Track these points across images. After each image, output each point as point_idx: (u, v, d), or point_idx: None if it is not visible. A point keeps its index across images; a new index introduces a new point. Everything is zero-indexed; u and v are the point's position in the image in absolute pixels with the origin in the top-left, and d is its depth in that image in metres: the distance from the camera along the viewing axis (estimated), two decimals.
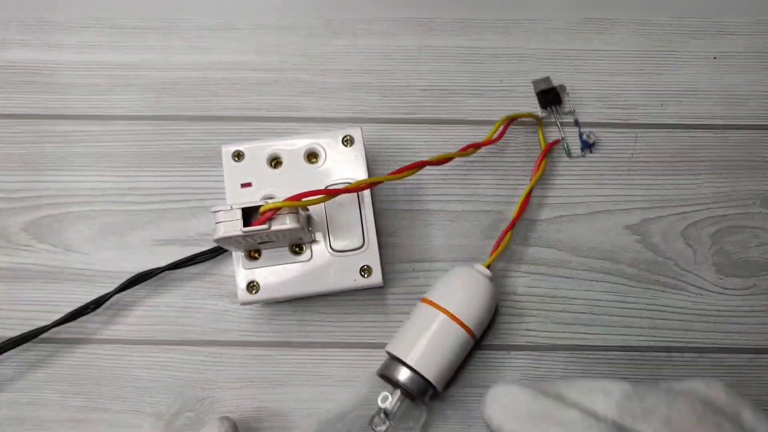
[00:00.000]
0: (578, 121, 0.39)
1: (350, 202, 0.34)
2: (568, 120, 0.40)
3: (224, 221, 0.29)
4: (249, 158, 0.34)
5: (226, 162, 0.34)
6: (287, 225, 0.29)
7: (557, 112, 0.40)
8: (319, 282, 0.33)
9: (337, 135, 0.35)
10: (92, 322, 0.37)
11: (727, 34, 0.41)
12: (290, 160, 0.35)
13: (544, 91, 0.40)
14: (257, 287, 0.33)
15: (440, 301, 0.33)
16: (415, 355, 0.32)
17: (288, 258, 0.33)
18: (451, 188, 0.39)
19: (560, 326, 0.37)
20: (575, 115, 0.40)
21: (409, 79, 0.41)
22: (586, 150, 0.39)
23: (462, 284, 0.34)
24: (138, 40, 0.41)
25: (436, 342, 0.32)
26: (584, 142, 0.39)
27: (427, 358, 0.32)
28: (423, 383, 0.32)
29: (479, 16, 0.42)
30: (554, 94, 0.39)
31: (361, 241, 0.34)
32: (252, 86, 0.40)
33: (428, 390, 0.32)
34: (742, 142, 0.39)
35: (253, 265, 0.33)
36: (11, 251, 0.38)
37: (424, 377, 0.32)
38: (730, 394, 0.25)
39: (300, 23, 0.41)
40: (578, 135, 0.39)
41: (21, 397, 0.36)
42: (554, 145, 0.39)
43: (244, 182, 0.34)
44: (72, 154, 0.39)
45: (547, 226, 0.38)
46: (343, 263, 0.34)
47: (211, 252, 0.36)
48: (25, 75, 0.41)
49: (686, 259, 0.38)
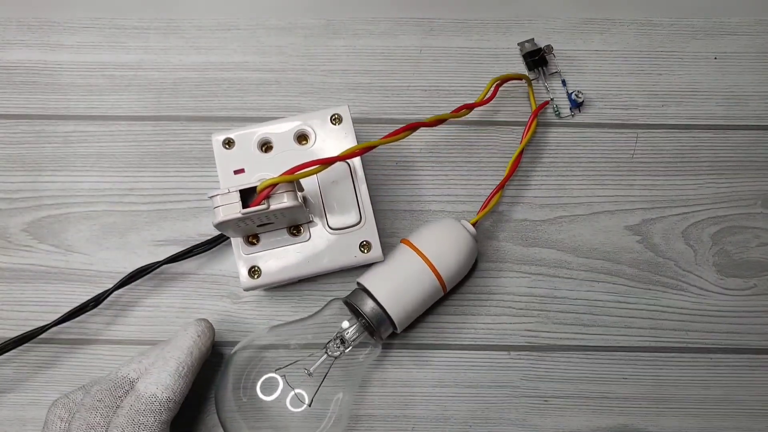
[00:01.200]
0: (565, 81, 0.40)
1: (344, 179, 0.34)
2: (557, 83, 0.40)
3: (223, 205, 0.28)
4: (239, 145, 0.34)
5: (217, 150, 0.34)
6: (285, 203, 0.29)
7: (544, 74, 0.40)
8: (320, 261, 0.33)
9: (325, 114, 0.35)
10: (92, 322, 0.37)
11: (728, 34, 0.41)
12: (280, 143, 0.35)
13: (531, 53, 0.40)
14: (259, 272, 0.33)
15: (420, 245, 0.33)
16: (383, 290, 0.32)
17: (287, 240, 0.33)
18: (452, 188, 0.39)
19: (560, 326, 0.37)
20: (562, 75, 0.40)
21: (409, 79, 0.41)
22: (575, 109, 0.39)
23: (444, 234, 0.34)
24: (138, 40, 0.41)
25: (406, 283, 0.33)
26: (573, 101, 0.39)
27: (394, 296, 0.32)
28: (384, 319, 0.32)
29: (479, 16, 0.42)
30: (541, 56, 0.39)
31: (358, 218, 0.34)
32: (252, 86, 0.40)
33: (388, 327, 0.33)
34: (743, 142, 0.39)
35: (252, 250, 0.33)
36: (11, 251, 0.38)
37: (387, 313, 0.32)
38: None
39: (300, 23, 0.41)
40: (566, 95, 0.39)
41: (21, 398, 0.36)
42: (544, 106, 0.39)
43: (237, 169, 0.34)
44: (72, 154, 0.39)
45: (547, 227, 0.38)
46: (342, 241, 0.34)
47: (209, 243, 0.36)
48: (25, 75, 0.40)
49: (687, 259, 0.37)
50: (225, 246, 0.37)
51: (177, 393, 0.30)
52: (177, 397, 0.30)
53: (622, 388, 0.36)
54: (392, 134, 0.31)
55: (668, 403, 0.36)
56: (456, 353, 0.36)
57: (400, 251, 0.34)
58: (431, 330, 0.37)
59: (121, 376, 0.31)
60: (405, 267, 0.33)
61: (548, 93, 0.40)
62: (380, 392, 0.36)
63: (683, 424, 0.36)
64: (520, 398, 0.36)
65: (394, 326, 0.33)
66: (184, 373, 0.30)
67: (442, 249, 0.33)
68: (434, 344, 0.37)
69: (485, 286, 0.37)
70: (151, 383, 0.30)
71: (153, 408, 0.29)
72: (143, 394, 0.29)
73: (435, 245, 0.33)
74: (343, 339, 0.33)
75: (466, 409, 0.36)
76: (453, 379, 0.36)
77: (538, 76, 0.40)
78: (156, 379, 0.30)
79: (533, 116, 0.38)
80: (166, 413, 0.30)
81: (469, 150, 0.39)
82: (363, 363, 0.34)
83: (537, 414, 0.36)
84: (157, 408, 0.29)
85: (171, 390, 0.30)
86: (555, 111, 0.39)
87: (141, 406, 0.29)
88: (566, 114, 0.39)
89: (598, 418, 0.36)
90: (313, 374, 0.32)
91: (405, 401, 0.36)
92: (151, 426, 0.29)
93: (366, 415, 0.36)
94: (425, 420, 0.36)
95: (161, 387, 0.30)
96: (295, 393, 0.32)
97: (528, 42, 0.40)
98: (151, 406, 0.29)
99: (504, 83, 0.38)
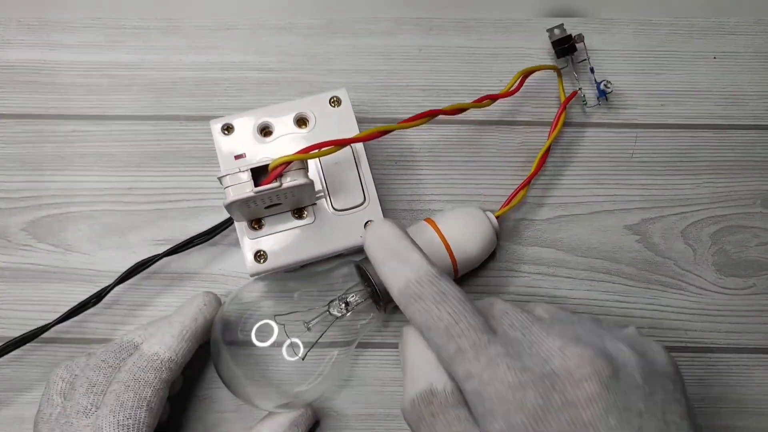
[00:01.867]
0: (593, 69, 0.39)
1: (346, 160, 0.34)
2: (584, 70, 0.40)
3: (233, 185, 0.28)
4: (239, 130, 0.34)
5: (217, 136, 0.34)
6: (299, 180, 0.29)
7: (573, 62, 0.39)
8: (326, 243, 0.33)
9: (324, 98, 0.35)
10: (93, 322, 0.37)
11: (727, 34, 0.41)
12: (280, 127, 0.35)
13: (560, 40, 0.39)
14: (265, 256, 0.33)
15: (441, 225, 0.33)
16: None
17: (292, 223, 0.33)
18: (452, 188, 0.39)
19: None
20: (590, 63, 0.39)
21: (409, 79, 0.41)
22: (602, 99, 0.39)
23: (467, 221, 0.34)
24: (138, 40, 0.41)
25: None
26: (601, 91, 0.39)
27: None
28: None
29: (479, 16, 0.42)
30: (570, 44, 0.38)
31: (362, 198, 0.34)
32: (252, 86, 0.40)
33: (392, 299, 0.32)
34: (742, 142, 0.40)
35: (257, 234, 0.33)
36: (11, 251, 0.38)
37: None
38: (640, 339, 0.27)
39: (300, 23, 0.41)
40: (594, 84, 0.39)
41: (21, 397, 0.36)
42: (573, 97, 0.38)
43: (238, 154, 0.34)
44: (72, 154, 0.39)
45: (547, 226, 0.38)
46: (347, 221, 0.34)
47: (208, 233, 0.36)
48: (25, 75, 0.41)
49: (686, 258, 0.38)
50: (223, 246, 0.37)
51: (179, 354, 0.31)
52: (179, 358, 0.31)
53: None
54: (410, 120, 0.31)
55: None
56: None
57: (420, 227, 0.34)
58: None
59: (127, 340, 0.32)
60: (421, 242, 0.33)
61: (578, 82, 0.40)
62: (380, 391, 0.36)
63: None
64: None
65: None
66: (188, 337, 0.31)
67: (462, 234, 0.33)
68: None
69: (485, 285, 0.37)
70: (154, 343, 0.31)
71: (155, 365, 0.30)
72: (146, 352, 0.31)
73: (456, 229, 0.33)
74: (347, 302, 0.33)
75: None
76: None
77: (567, 65, 0.39)
78: (159, 340, 0.31)
79: (563, 107, 0.37)
80: (167, 372, 0.30)
81: (469, 149, 0.39)
82: (361, 330, 0.34)
83: None
84: (158, 366, 0.30)
85: (173, 350, 0.31)
86: (583, 100, 0.39)
87: (143, 363, 0.30)
88: (593, 104, 0.39)
89: None
90: (311, 329, 0.32)
91: None
92: (152, 382, 0.30)
93: (366, 414, 0.36)
94: None
95: (164, 347, 0.31)
96: (291, 342, 0.32)
97: (557, 28, 0.39)
98: (153, 363, 0.30)
99: (530, 74, 0.37)
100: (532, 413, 0.22)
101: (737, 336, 0.37)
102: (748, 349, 0.37)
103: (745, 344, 0.37)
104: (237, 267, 0.37)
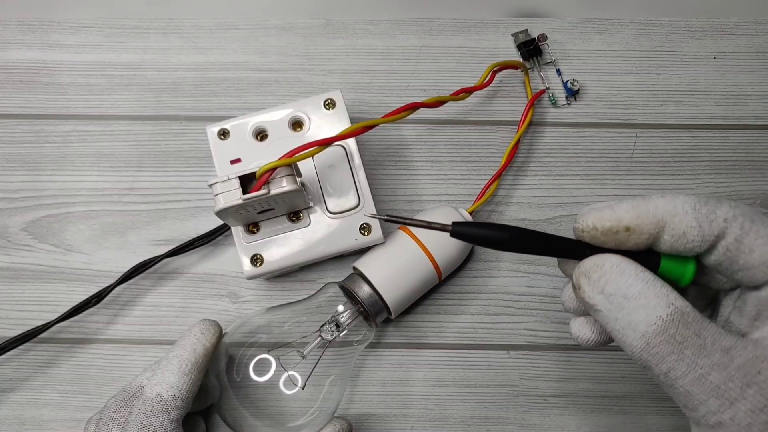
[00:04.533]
0: (560, 70, 0.40)
1: (341, 163, 0.34)
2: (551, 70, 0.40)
3: (223, 192, 0.28)
4: (234, 135, 0.35)
5: (213, 141, 0.34)
6: (285, 187, 0.29)
7: (539, 63, 0.40)
8: (321, 246, 0.33)
9: (318, 100, 0.35)
10: (93, 321, 0.37)
11: (728, 34, 0.41)
12: (275, 131, 0.35)
13: (525, 43, 0.40)
14: (261, 260, 0.33)
15: (417, 232, 0.33)
16: (380, 276, 0.32)
17: (287, 227, 0.34)
18: (451, 187, 0.39)
19: (560, 326, 0.37)
20: (557, 64, 0.40)
21: (408, 78, 0.41)
22: (571, 98, 0.39)
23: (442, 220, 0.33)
24: (138, 40, 0.41)
25: (403, 270, 0.33)
26: (569, 90, 0.39)
27: (390, 282, 0.32)
28: (380, 305, 0.32)
29: (479, 16, 0.42)
30: (535, 46, 0.40)
31: (356, 200, 0.34)
32: (251, 86, 0.40)
33: (383, 312, 0.33)
34: (742, 142, 0.39)
35: (253, 239, 0.33)
36: (11, 251, 0.38)
37: (382, 299, 0.32)
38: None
39: (300, 23, 0.41)
40: (562, 83, 0.39)
41: (21, 397, 0.36)
42: (540, 95, 0.39)
43: (233, 159, 0.34)
44: (72, 154, 0.39)
45: (546, 226, 0.38)
46: (343, 224, 0.34)
47: (209, 235, 0.36)
48: (25, 75, 0.41)
49: None
50: (224, 246, 0.37)
51: (183, 390, 0.30)
52: (183, 394, 0.30)
53: (620, 387, 0.36)
54: (392, 113, 0.31)
55: (667, 401, 0.36)
56: (455, 352, 0.37)
57: (397, 237, 0.34)
58: (431, 329, 0.37)
59: (135, 385, 0.31)
60: (401, 252, 0.33)
61: (544, 82, 0.40)
62: (380, 391, 0.36)
63: (681, 423, 0.36)
64: (519, 397, 0.36)
65: (388, 311, 0.33)
66: (188, 370, 0.30)
67: (440, 237, 0.33)
68: (434, 343, 0.37)
69: (485, 285, 0.37)
70: (156, 384, 0.30)
71: (159, 408, 0.29)
72: (149, 395, 0.30)
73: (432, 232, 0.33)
74: (338, 323, 0.33)
75: (465, 408, 0.36)
76: (452, 379, 0.36)
77: (533, 66, 0.40)
78: (160, 379, 0.30)
79: (529, 104, 0.38)
80: (174, 411, 0.29)
81: (468, 149, 0.39)
82: (356, 348, 0.34)
83: (536, 413, 0.36)
84: (163, 407, 0.29)
85: (176, 388, 0.30)
86: (551, 99, 0.39)
87: (148, 408, 0.29)
88: (563, 103, 0.40)
89: (597, 416, 0.36)
90: (306, 357, 0.32)
91: (404, 400, 0.36)
92: (161, 425, 0.29)
93: (365, 414, 0.36)
94: (424, 419, 0.36)
95: (165, 386, 0.30)
96: (288, 374, 0.32)
97: (521, 33, 0.40)
98: (158, 406, 0.29)
99: (501, 70, 0.38)
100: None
101: None
102: None
103: None
104: (237, 267, 0.37)
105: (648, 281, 0.22)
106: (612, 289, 0.23)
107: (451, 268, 0.35)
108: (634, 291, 0.22)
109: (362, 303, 0.32)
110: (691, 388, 0.21)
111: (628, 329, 0.22)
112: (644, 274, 0.23)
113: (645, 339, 0.22)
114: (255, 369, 0.32)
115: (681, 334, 0.21)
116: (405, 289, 0.33)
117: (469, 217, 0.35)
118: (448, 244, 0.33)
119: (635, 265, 0.23)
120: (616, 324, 0.22)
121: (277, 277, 0.37)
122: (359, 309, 0.33)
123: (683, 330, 0.21)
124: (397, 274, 0.33)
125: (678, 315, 0.22)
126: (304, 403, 0.32)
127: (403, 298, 0.33)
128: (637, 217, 0.23)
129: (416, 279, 0.33)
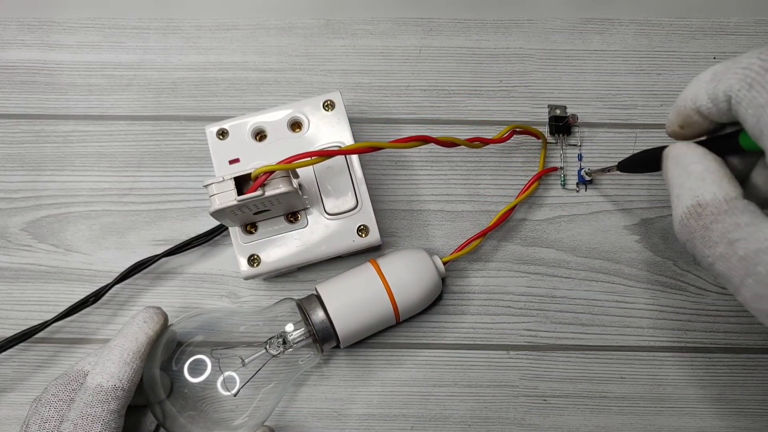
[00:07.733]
0: (582, 156, 0.39)
1: (339, 165, 0.34)
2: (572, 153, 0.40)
3: (218, 193, 0.28)
4: (233, 135, 0.35)
5: (211, 141, 0.34)
6: (281, 189, 0.29)
7: (563, 141, 0.39)
8: (319, 247, 0.33)
9: (317, 101, 0.35)
10: (92, 321, 0.37)
11: (727, 34, 0.41)
12: (274, 131, 0.35)
13: (557, 118, 0.39)
14: (258, 260, 0.33)
15: (385, 270, 0.33)
16: (337, 306, 0.32)
17: (285, 228, 0.34)
18: (451, 188, 0.39)
19: (559, 326, 0.37)
20: (580, 149, 0.39)
21: (409, 79, 0.41)
22: (581, 186, 0.39)
23: (412, 267, 0.33)
24: (137, 40, 0.41)
25: (361, 305, 0.32)
26: (581, 177, 0.38)
27: (346, 314, 0.32)
28: (330, 333, 0.32)
29: (479, 16, 0.42)
30: (565, 124, 0.39)
31: (354, 202, 0.34)
32: (251, 86, 0.40)
33: (332, 341, 0.32)
34: None
35: (251, 239, 0.33)
36: (11, 251, 0.38)
37: (334, 329, 0.32)
38: None
39: (300, 23, 0.41)
40: (578, 170, 0.39)
41: (21, 397, 0.36)
42: (551, 171, 0.39)
43: (232, 159, 0.34)
44: (72, 154, 0.39)
45: (546, 226, 0.38)
46: (340, 226, 0.34)
47: (208, 234, 0.36)
48: (24, 75, 0.41)
49: (686, 259, 0.38)
50: (223, 246, 0.37)
51: (123, 380, 0.29)
52: (124, 384, 0.29)
53: (620, 388, 0.36)
54: (401, 140, 0.31)
55: (666, 402, 0.36)
56: (455, 352, 0.37)
57: (364, 269, 0.33)
58: (431, 329, 0.37)
59: (77, 369, 0.30)
60: (363, 286, 0.33)
61: (561, 161, 0.39)
62: (379, 391, 0.36)
63: (681, 424, 0.36)
64: (519, 398, 0.36)
65: (338, 341, 0.32)
66: (129, 359, 0.30)
67: (406, 279, 0.33)
68: (434, 343, 0.37)
69: (485, 285, 0.37)
70: (96, 373, 0.29)
71: (100, 398, 0.29)
72: (90, 385, 0.29)
73: (399, 273, 0.33)
74: (285, 340, 0.33)
75: (465, 408, 0.36)
76: (452, 379, 0.36)
77: (557, 141, 0.39)
78: (101, 369, 0.29)
79: (536, 177, 0.37)
80: (114, 402, 0.29)
81: (468, 149, 0.39)
82: (299, 367, 0.34)
83: (536, 413, 0.36)
84: (103, 398, 0.29)
85: (116, 378, 0.29)
86: (562, 181, 0.39)
87: (89, 398, 0.29)
88: (571, 188, 0.39)
89: (596, 417, 0.36)
90: (247, 365, 0.32)
91: (404, 400, 0.36)
92: (101, 416, 0.28)
93: (365, 414, 0.36)
94: (424, 419, 0.36)
95: (106, 376, 0.29)
96: (224, 377, 0.32)
97: (559, 107, 0.39)
98: (98, 396, 0.29)
99: (522, 133, 0.37)
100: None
101: (736, 336, 0.37)
102: (747, 350, 0.37)
103: (743, 344, 0.37)
104: (235, 267, 0.37)
105: (692, 171, 0.26)
106: (674, 175, 0.27)
107: (411, 313, 0.34)
108: (682, 179, 0.26)
109: (314, 327, 0.32)
110: (711, 270, 0.25)
111: (674, 209, 0.26)
112: (701, 161, 0.26)
113: (677, 221, 0.26)
114: (191, 365, 0.32)
115: (692, 225, 0.25)
116: (359, 323, 0.32)
117: (441, 268, 0.34)
118: (412, 289, 0.33)
119: (699, 152, 0.26)
120: (672, 198, 0.26)
121: (276, 277, 0.37)
122: (310, 331, 0.32)
123: (694, 222, 0.25)
124: (354, 306, 0.32)
125: (695, 208, 0.25)
126: (234, 409, 0.32)
127: (355, 332, 0.32)
128: (677, 112, 0.27)
129: (372, 316, 0.32)
